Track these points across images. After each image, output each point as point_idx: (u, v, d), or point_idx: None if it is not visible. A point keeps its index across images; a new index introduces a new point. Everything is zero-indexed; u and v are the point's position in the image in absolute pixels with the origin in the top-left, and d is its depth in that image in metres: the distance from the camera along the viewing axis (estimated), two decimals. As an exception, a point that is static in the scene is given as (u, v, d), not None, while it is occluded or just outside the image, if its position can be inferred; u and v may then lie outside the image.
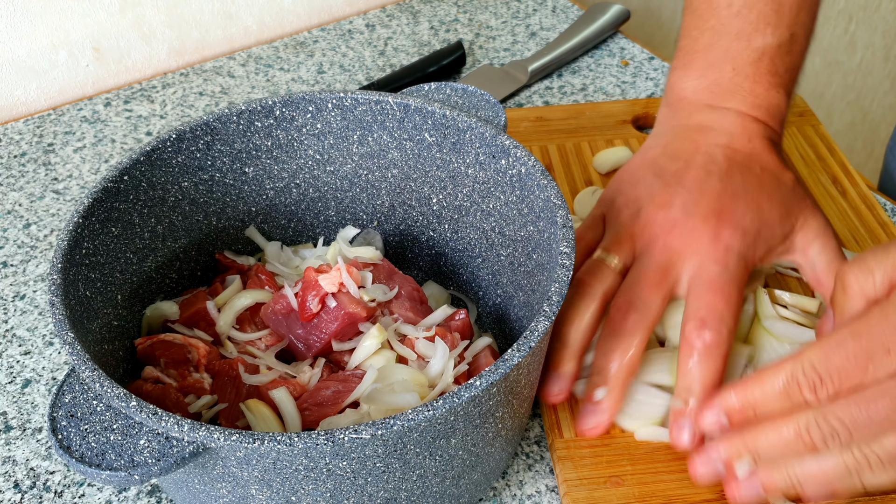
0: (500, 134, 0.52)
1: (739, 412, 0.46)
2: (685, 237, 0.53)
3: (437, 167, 0.56)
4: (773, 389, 0.44)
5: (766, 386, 0.44)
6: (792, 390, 0.44)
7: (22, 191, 0.75)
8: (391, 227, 0.61)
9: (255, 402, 0.47)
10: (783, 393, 0.44)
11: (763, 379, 0.45)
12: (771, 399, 0.44)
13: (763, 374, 0.45)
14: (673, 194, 0.55)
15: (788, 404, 0.44)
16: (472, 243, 0.58)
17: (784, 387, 0.44)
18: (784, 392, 0.44)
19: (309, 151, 0.57)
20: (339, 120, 0.56)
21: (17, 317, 0.64)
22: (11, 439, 0.56)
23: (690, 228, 0.53)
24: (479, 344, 0.51)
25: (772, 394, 0.44)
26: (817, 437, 0.43)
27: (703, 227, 0.53)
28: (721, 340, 0.49)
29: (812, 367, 0.43)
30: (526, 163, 0.50)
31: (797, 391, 0.43)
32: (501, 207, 0.54)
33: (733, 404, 0.46)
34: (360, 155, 0.57)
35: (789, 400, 0.44)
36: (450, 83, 0.57)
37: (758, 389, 0.45)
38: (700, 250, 0.52)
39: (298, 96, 0.55)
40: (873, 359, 0.41)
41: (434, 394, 0.47)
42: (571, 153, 0.72)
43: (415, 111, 0.54)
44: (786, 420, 0.44)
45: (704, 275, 0.51)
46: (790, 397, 0.44)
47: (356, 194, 0.60)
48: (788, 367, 0.44)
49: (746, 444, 0.45)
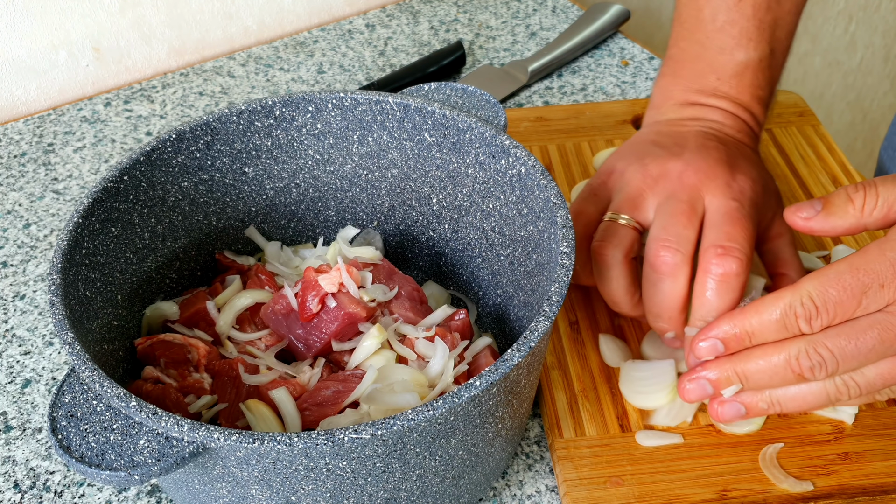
0: (499, 134, 0.52)
1: (735, 340, 0.47)
2: (701, 175, 0.53)
3: (437, 167, 0.56)
4: (770, 318, 0.45)
5: (763, 315, 0.46)
6: (788, 320, 0.45)
7: (22, 191, 0.75)
8: (391, 227, 0.61)
9: (255, 402, 0.47)
10: (779, 322, 0.45)
11: (761, 308, 0.46)
12: (767, 328, 0.46)
13: (761, 303, 0.46)
14: (680, 152, 0.55)
15: (784, 333, 0.45)
16: (472, 243, 0.58)
17: (781, 316, 0.45)
18: (780, 321, 0.45)
19: (309, 151, 0.57)
20: (339, 120, 0.56)
21: (17, 317, 0.64)
22: (11, 439, 0.56)
23: (706, 168, 0.53)
24: (479, 344, 0.51)
25: (768, 323, 0.45)
26: (806, 365, 0.45)
27: (718, 169, 0.53)
28: (739, 270, 0.49)
29: (809, 298, 0.44)
30: (526, 163, 0.50)
31: (794, 321, 0.45)
32: (501, 207, 0.54)
33: (729, 332, 0.47)
34: (360, 155, 0.57)
35: (785, 329, 0.45)
36: (450, 83, 0.57)
37: (755, 318, 0.46)
38: (718, 185, 0.53)
39: (298, 96, 0.55)
40: (867, 292, 0.43)
41: (434, 394, 0.47)
42: (571, 153, 0.72)
43: (415, 111, 0.54)
44: (778, 348, 0.46)
45: (723, 208, 0.52)
46: (786, 327, 0.45)
47: (356, 194, 0.60)
48: (787, 298, 0.45)
49: (736, 370, 0.47)
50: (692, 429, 0.53)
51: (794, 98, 0.76)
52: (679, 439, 0.52)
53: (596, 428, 0.53)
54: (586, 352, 0.57)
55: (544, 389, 0.55)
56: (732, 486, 0.50)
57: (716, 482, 0.50)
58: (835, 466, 0.50)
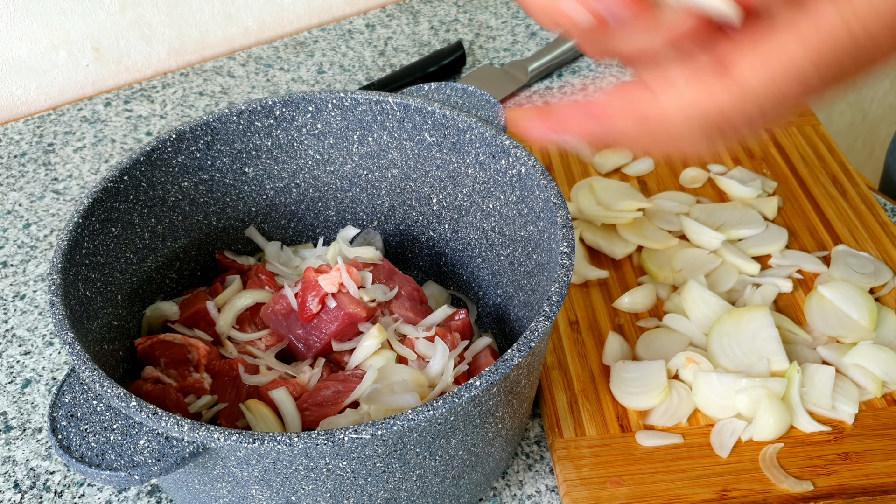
0: (500, 134, 0.52)
1: None
2: None
3: (437, 167, 0.56)
4: None
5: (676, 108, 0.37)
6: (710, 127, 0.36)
7: (22, 191, 0.75)
8: (391, 227, 0.61)
9: (255, 402, 0.47)
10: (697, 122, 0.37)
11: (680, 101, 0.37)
12: None
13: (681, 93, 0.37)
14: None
15: None
16: (472, 243, 0.58)
17: None
18: None
19: (309, 151, 0.57)
20: (339, 120, 0.56)
21: (17, 317, 0.64)
22: (11, 439, 0.56)
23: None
24: (478, 344, 0.51)
25: None
26: None
27: None
28: None
29: None
30: (526, 163, 0.50)
31: None
32: (501, 207, 0.54)
33: None
34: (360, 155, 0.57)
35: None
36: (450, 83, 0.57)
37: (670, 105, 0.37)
38: None
39: (298, 96, 0.55)
40: None
41: (434, 394, 0.47)
42: (571, 153, 0.72)
43: (415, 111, 0.54)
44: None
45: None
46: None
47: (356, 194, 0.60)
48: None
49: None
50: (692, 429, 0.53)
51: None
52: (679, 439, 0.52)
53: (596, 428, 0.53)
54: (586, 352, 0.57)
55: (544, 389, 0.55)
56: (732, 486, 0.50)
57: (716, 482, 0.50)
58: (835, 466, 0.50)
